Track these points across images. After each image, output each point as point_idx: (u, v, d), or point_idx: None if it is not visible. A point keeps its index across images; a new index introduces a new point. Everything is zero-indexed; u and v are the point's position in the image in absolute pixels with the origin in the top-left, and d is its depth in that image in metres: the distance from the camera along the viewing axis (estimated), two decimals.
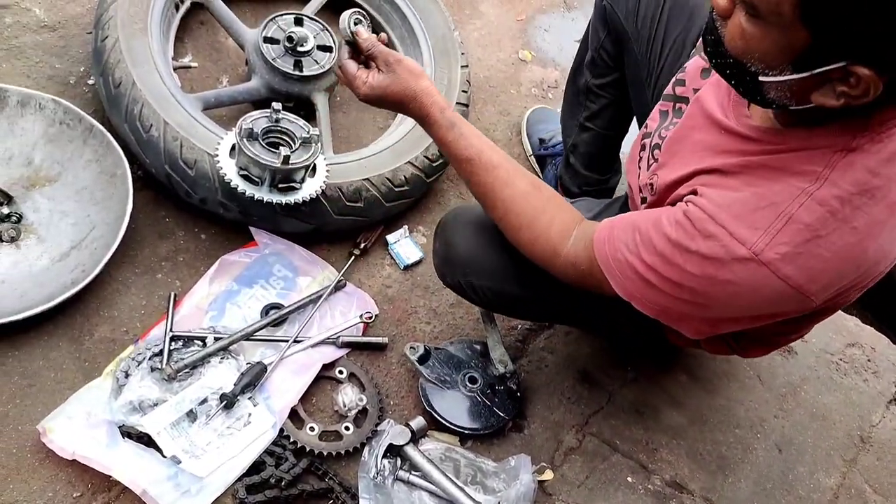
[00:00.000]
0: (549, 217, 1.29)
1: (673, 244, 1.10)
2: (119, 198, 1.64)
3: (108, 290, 1.65)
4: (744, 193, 1.06)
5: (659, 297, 1.15)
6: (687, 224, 1.09)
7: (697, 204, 1.09)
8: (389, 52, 1.32)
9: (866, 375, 1.94)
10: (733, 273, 1.05)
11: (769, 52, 0.95)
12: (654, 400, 1.80)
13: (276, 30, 1.86)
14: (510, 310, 1.64)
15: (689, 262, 1.08)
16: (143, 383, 1.49)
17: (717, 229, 1.05)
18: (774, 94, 1.00)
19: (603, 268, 1.20)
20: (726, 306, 1.11)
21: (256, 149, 1.58)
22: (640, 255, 1.14)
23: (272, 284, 1.75)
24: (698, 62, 1.33)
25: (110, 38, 1.70)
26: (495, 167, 1.30)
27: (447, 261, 1.51)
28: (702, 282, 1.08)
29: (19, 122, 1.70)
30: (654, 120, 1.39)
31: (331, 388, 1.66)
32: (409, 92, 1.31)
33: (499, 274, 1.45)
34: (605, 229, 1.22)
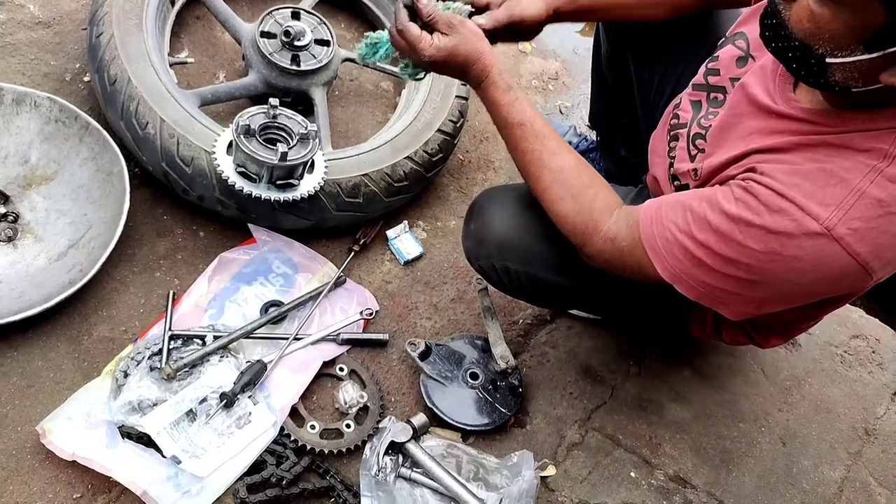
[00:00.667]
0: (594, 192, 1.29)
1: (733, 220, 1.08)
2: (116, 196, 1.63)
3: (107, 289, 1.64)
4: (809, 168, 1.05)
5: (707, 277, 1.14)
6: (751, 199, 1.08)
7: (761, 181, 1.08)
8: (451, 15, 1.29)
9: (871, 367, 1.92)
10: (800, 248, 1.04)
11: (840, 32, 0.94)
12: (658, 394, 1.79)
13: (273, 24, 1.85)
14: (536, 296, 1.62)
15: (752, 237, 1.07)
16: (142, 383, 1.48)
17: (787, 204, 1.04)
18: (840, 75, 0.99)
19: (647, 247, 1.19)
20: (783, 283, 1.10)
21: (254, 145, 1.57)
22: (692, 233, 1.13)
23: (271, 281, 1.74)
24: (732, 51, 1.32)
25: (105, 34, 1.68)
26: (545, 136, 1.29)
27: (482, 242, 1.47)
28: (762, 258, 1.07)
29: (14, 121, 1.68)
30: (686, 110, 1.38)
31: (331, 385, 1.65)
32: (474, 52, 1.28)
33: (537, 259, 1.44)
34: (652, 209, 1.22)
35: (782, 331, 1.52)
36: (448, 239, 1.96)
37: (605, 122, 1.95)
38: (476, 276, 1.83)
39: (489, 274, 1.51)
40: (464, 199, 2.04)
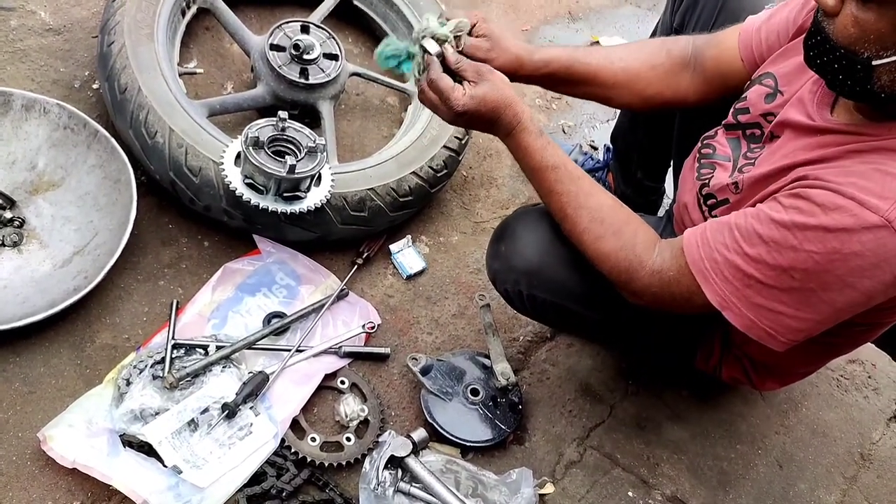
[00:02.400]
0: (634, 228, 1.28)
1: (786, 226, 1.09)
2: (123, 204, 1.64)
3: (111, 296, 1.64)
4: (862, 168, 1.06)
5: (759, 297, 1.14)
6: (803, 203, 1.08)
7: (814, 184, 1.09)
8: (478, 63, 1.27)
9: (867, 392, 1.94)
10: (861, 243, 1.04)
11: (885, 32, 0.98)
12: (656, 414, 1.80)
13: (283, 37, 1.86)
14: (556, 323, 1.63)
15: (809, 239, 1.07)
16: (144, 391, 1.48)
17: (845, 201, 1.04)
18: (887, 79, 1.02)
19: (696, 272, 1.19)
20: (842, 288, 1.09)
21: (262, 157, 1.58)
22: (743, 249, 1.13)
23: (275, 293, 1.74)
24: (759, 90, 1.34)
25: (116, 43, 1.70)
26: (580, 178, 1.29)
27: (512, 268, 1.45)
28: (821, 259, 1.07)
29: (23, 126, 1.69)
30: (722, 144, 1.40)
31: (332, 398, 1.65)
32: (506, 99, 1.25)
33: (567, 291, 1.43)
34: (696, 233, 1.22)
35: (780, 374, 1.53)
36: (450, 254, 1.97)
37: (628, 140, 1.95)
38: (478, 292, 1.84)
39: (513, 298, 1.51)
40: (467, 215, 2.06)
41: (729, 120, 1.40)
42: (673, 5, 1.67)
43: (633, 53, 1.50)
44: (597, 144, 2.32)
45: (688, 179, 1.46)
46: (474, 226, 2.04)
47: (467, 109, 1.24)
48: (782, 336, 1.18)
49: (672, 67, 1.48)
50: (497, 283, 1.52)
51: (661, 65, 1.48)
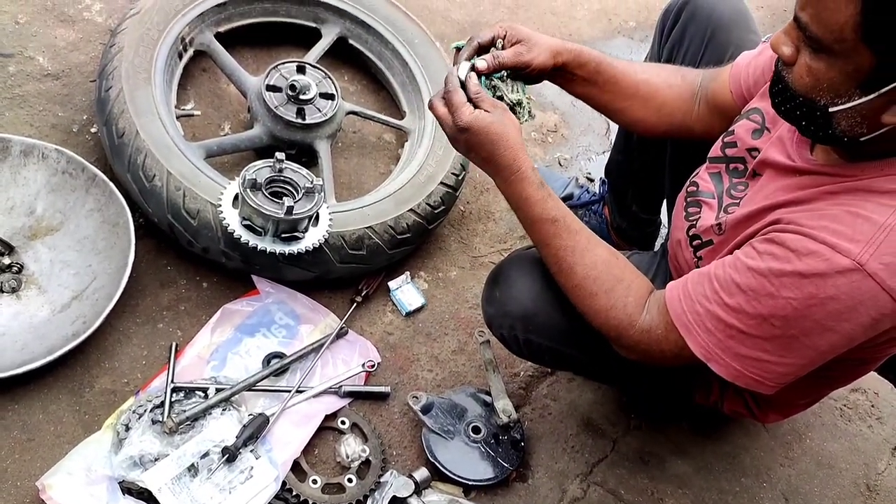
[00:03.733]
0: (627, 285, 1.28)
1: (762, 274, 1.10)
2: (121, 248, 1.64)
3: (109, 340, 1.64)
4: (835, 211, 1.07)
5: (742, 347, 1.14)
6: (778, 249, 1.09)
7: (788, 229, 1.10)
8: (498, 101, 1.28)
9: (870, 422, 1.93)
10: (836, 287, 1.04)
11: (836, 79, 1.01)
12: (659, 448, 1.79)
13: (279, 78, 1.88)
14: (552, 365, 1.64)
15: (785, 285, 1.07)
16: (143, 437, 1.47)
17: (818, 245, 1.05)
18: (845, 123, 1.04)
19: (679, 326, 1.19)
20: (822, 332, 1.09)
21: (260, 199, 1.59)
22: (723, 300, 1.14)
23: (274, 333, 1.74)
24: (747, 125, 1.35)
25: (114, 88, 1.71)
26: (578, 231, 1.28)
27: (507, 313, 1.45)
28: (799, 305, 1.07)
29: (22, 172, 1.70)
30: (705, 180, 1.41)
31: (333, 438, 1.64)
32: (509, 138, 1.24)
33: (563, 336, 1.43)
34: (677, 287, 1.22)
35: (781, 407, 1.53)
36: (449, 289, 1.97)
37: (622, 174, 1.96)
38: (478, 328, 1.84)
39: (510, 343, 1.50)
40: (465, 250, 2.06)
41: (716, 152, 1.41)
42: (661, 39, 1.69)
43: (653, 69, 1.52)
44: (593, 176, 2.34)
45: (679, 216, 1.47)
46: (472, 260, 2.05)
47: (469, 126, 1.23)
48: (769, 381, 1.18)
49: (685, 92, 1.51)
50: (493, 328, 1.52)
51: (678, 86, 1.50)
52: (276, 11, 2.11)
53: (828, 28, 0.97)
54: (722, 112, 1.47)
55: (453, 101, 1.24)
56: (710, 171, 1.41)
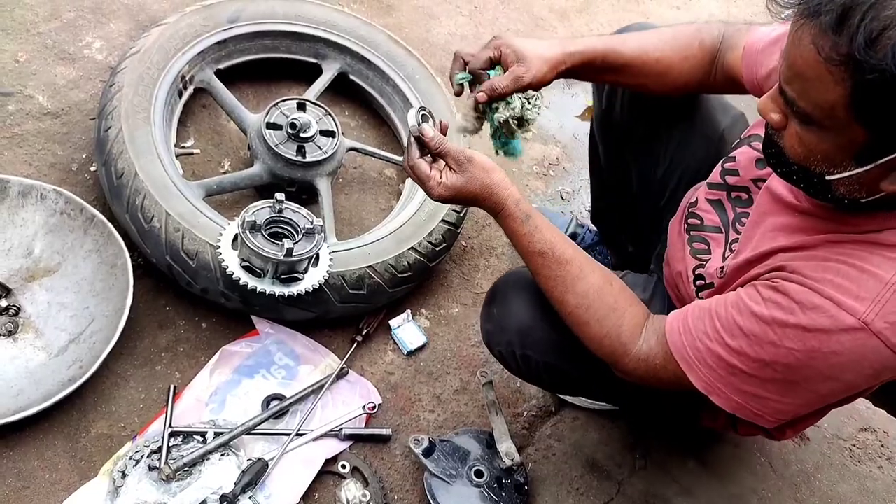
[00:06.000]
0: (621, 313, 1.27)
1: (766, 322, 1.08)
2: (119, 289, 1.62)
3: (106, 384, 1.62)
4: (839, 266, 1.06)
5: (744, 385, 1.14)
6: (781, 298, 1.08)
7: (791, 278, 1.08)
8: (460, 151, 1.28)
9: (881, 462, 1.89)
10: (840, 344, 1.03)
11: (830, 152, 0.99)
12: (665, 489, 1.76)
13: (279, 115, 1.87)
14: (553, 384, 1.60)
15: (788, 336, 1.06)
16: (140, 485, 1.45)
17: (822, 301, 1.04)
18: (844, 189, 1.02)
19: (679, 360, 1.19)
20: (824, 381, 1.08)
21: (259, 241, 1.57)
22: (724, 340, 1.13)
23: (273, 374, 1.72)
24: (749, 152, 1.34)
25: (114, 128, 1.70)
26: (568, 262, 1.28)
27: (504, 329, 1.45)
28: (802, 356, 1.06)
29: (20, 213, 1.68)
30: (707, 210, 1.40)
31: (333, 483, 1.61)
32: (485, 189, 1.27)
33: (560, 351, 1.42)
34: (678, 320, 1.21)
35: (792, 423, 1.49)
36: (451, 327, 1.95)
37: (608, 220, 1.96)
38: (480, 368, 1.82)
39: (507, 360, 1.49)
40: (466, 286, 2.04)
41: (715, 179, 1.40)
42: (598, 90, 1.71)
43: (668, 43, 1.48)
44: None
45: (678, 247, 1.46)
46: (475, 297, 2.02)
47: (443, 197, 1.28)
48: (770, 416, 1.17)
49: (703, 59, 1.48)
50: (491, 346, 1.51)
51: (694, 56, 1.48)
52: (277, 48, 2.11)
53: (816, 105, 0.95)
54: (736, 84, 1.47)
55: (419, 176, 1.28)
56: (710, 199, 1.40)
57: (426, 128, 1.27)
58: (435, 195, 1.28)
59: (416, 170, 1.28)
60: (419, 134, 1.27)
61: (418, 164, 1.28)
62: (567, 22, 2.85)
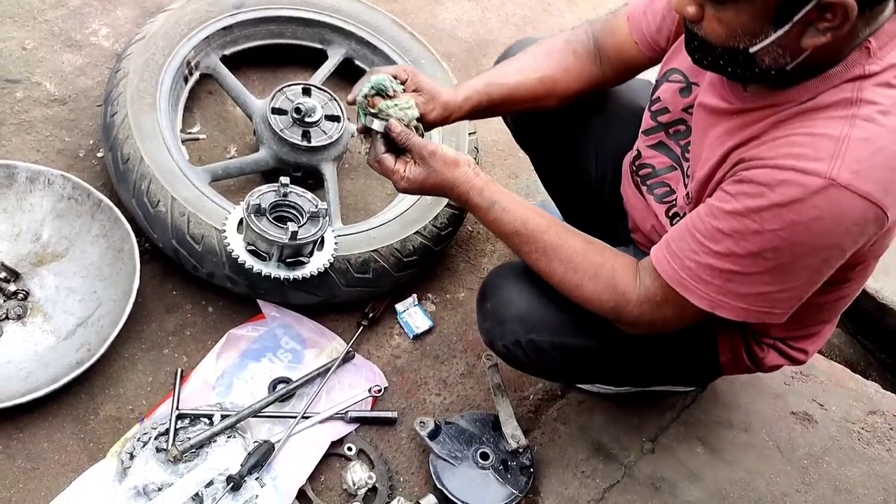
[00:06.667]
0: (611, 266, 1.29)
1: (742, 214, 1.11)
2: (126, 273, 1.63)
3: (114, 367, 1.63)
4: (791, 139, 1.09)
5: (743, 286, 1.15)
6: (749, 187, 1.11)
7: (752, 165, 1.11)
8: (423, 145, 1.33)
9: (889, 445, 1.88)
10: (816, 208, 1.06)
11: (748, 23, 1.05)
12: (672, 473, 1.75)
13: (284, 100, 1.87)
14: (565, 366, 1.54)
15: (767, 219, 1.09)
16: (147, 466, 1.46)
17: (786, 174, 1.07)
18: (769, 59, 1.08)
19: (676, 286, 1.20)
20: (814, 252, 1.11)
21: (264, 224, 1.58)
22: (710, 248, 1.15)
23: (280, 357, 1.72)
24: (670, 87, 1.39)
25: (119, 113, 1.71)
26: (544, 231, 1.31)
27: (503, 320, 1.45)
28: (786, 234, 1.09)
29: (28, 198, 1.70)
30: (652, 156, 1.43)
31: (339, 465, 1.62)
32: (447, 182, 1.33)
33: (563, 326, 1.42)
34: (661, 250, 1.24)
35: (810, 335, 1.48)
36: (457, 311, 1.95)
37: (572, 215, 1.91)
38: (486, 351, 1.82)
39: (514, 352, 1.47)
40: (472, 271, 2.04)
41: (648, 125, 1.43)
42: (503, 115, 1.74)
43: (543, 61, 1.54)
44: None
45: (639, 206, 1.48)
46: (480, 281, 2.00)
47: (407, 190, 1.36)
48: (777, 310, 1.19)
49: (582, 66, 1.54)
50: (494, 344, 1.50)
51: (573, 65, 1.54)
52: (282, 33, 2.11)
53: None
54: (630, 65, 1.53)
55: (384, 170, 1.36)
56: (651, 144, 1.43)
57: (393, 123, 1.32)
58: (400, 188, 1.35)
59: (381, 165, 1.35)
60: (386, 128, 1.32)
61: (383, 160, 1.35)
62: (574, 6, 2.83)
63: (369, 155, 1.38)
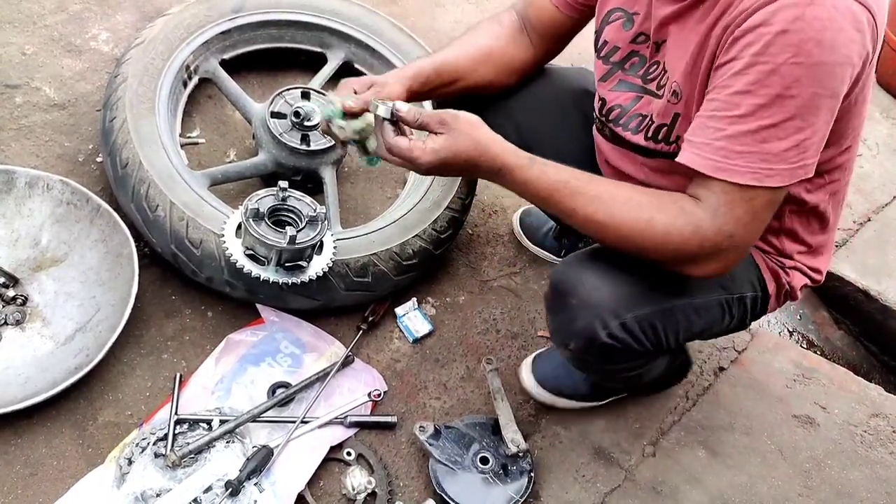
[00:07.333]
0: (668, 194, 1.21)
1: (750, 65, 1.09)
2: (125, 279, 1.63)
3: (113, 372, 1.63)
4: None
5: (778, 141, 1.11)
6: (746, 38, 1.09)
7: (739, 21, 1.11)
8: (441, 112, 1.21)
9: (892, 448, 1.87)
10: (817, 18, 1.05)
11: None
12: (673, 477, 1.74)
13: (283, 104, 1.87)
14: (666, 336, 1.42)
15: (776, 52, 1.07)
16: (146, 472, 1.46)
17: (778, 3, 1.07)
18: None
19: (721, 173, 1.14)
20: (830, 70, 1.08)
21: (262, 229, 1.57)
22: (734, 115, 1.12)
23: (279, 362, 1.72)
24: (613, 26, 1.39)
25: (118, 118, 1.71)
26: (591, 179, 1.22)
27: (598, 305, 1.31)
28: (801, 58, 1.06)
29: (27, 203, 1.70)
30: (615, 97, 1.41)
31: (338, 470, 1.61)
32: (478, 143, 1.20)
33: (660, 287, 1.34)
34: (687, 150, 1.18)
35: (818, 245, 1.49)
36: (457, 315, 1.94)
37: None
38: (486, 355, 1.81)
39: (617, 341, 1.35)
40: (472, 274, 2.03)
41: (601, 70, 1.42)
42: None
43: (476, 36, 1.58)
44: None
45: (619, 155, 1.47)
46: (481, 284, 2.02)
47: (433, 165, 1.21)
48: (810, 159, 1.15)
49: (512, 34, 1.57)
50: (592, 342, 1.35)
51: (503, 33, 1.57)
52: (281, 37, 2.11)
53: None
54: (555, 31, 1.56)
55: (401, 152, 1.22)
56: (611, 87, 1.41)
57: (400, 105, 1.20)
58: (424, 164, 1.20)
59: (395, 149, 1.22)
60: (392, 116, 1.21)
61: (397, 143, 1.22)
62: None
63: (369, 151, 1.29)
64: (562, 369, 1.75)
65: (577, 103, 1.66)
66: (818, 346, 2.31)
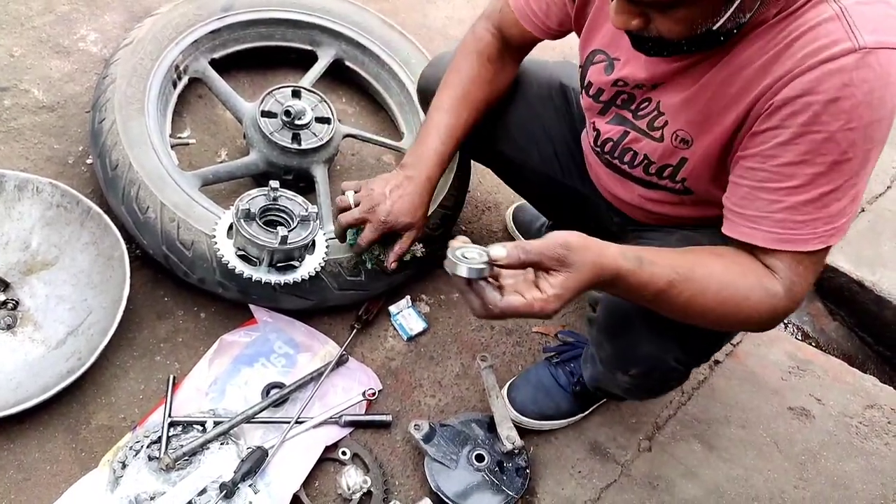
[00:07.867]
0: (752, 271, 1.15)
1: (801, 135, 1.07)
2: (116, 281, 1.62)
3: (106, 375, 1.62)
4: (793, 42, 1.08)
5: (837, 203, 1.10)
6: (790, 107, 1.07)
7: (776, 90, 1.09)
8: (544, 245, 1.00)
9: (887, 439, 1.87)
10: (865, 81, 1.03)
11: (706, 10, 1.04)
12: (669, 471, 1.74)
13: (274, 103, 1.86)
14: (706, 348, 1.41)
15: (828, 121, 1.05)
16: (140, 475, 1.45)
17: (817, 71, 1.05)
18: (731, 24, 1.07)
19: (789, 247, 1.12)
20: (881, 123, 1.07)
21: (254, 229, 1.56)
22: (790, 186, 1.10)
23: (273, 362, 1.71)
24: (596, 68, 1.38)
25: (107, 119, 1.70)
26: (691, 268, 1.11)
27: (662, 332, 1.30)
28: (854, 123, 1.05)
29: (16, 207, 1.69)
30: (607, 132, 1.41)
31: (334, 470, 1.61)
32: (595, 265, 1.03)
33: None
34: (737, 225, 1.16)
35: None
36: (452, 312, 1.94)
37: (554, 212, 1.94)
38: (480, 352, 1.81)
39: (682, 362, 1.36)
40: None
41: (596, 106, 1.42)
42: None
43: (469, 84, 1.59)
44: None
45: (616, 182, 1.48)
46: None
47: (559, 308, 1.02)
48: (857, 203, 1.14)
49: (495, 65, 1.61)
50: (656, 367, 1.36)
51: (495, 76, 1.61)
52: (272, 36, 2.10)
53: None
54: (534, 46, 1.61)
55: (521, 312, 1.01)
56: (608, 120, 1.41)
57: (496, 251, 0.99)
58: (551, 312, 1.01)
59: (508, 311, 1.00)
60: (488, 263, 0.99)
61: (509, 302, 1.00)
62: None
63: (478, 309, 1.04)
64: (539, 393, 1.74)
65: (562, 96, 1.68)
66: (813, 337, 2.31)
